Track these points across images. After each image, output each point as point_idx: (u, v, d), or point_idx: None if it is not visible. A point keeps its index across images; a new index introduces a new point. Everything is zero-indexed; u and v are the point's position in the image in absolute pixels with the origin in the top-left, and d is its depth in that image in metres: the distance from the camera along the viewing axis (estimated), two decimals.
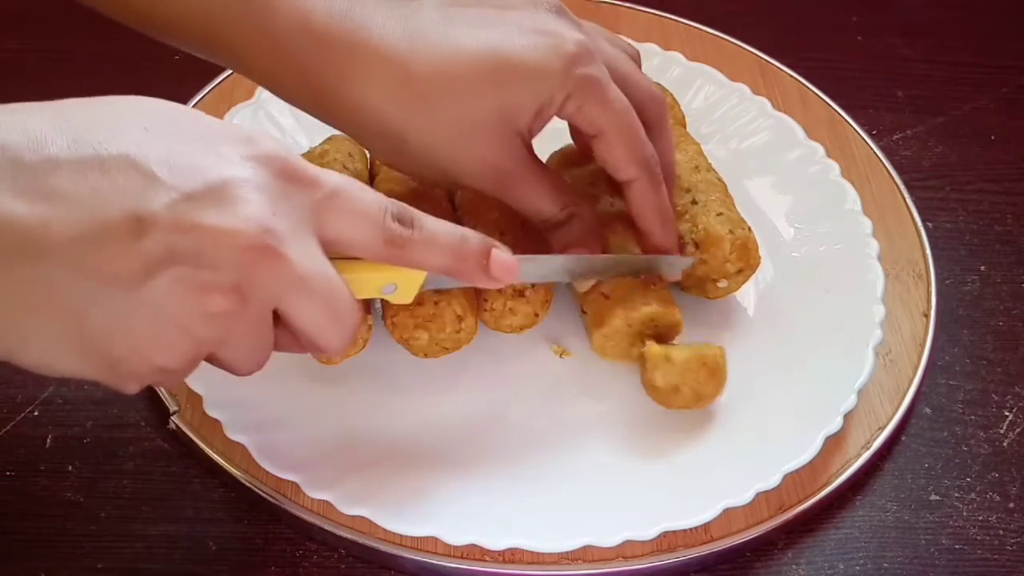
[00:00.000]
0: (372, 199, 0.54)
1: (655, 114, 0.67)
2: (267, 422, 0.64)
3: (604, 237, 0.67)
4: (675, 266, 0.68)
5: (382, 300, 0.67)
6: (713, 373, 0.64)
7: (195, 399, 0.64)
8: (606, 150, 0.64)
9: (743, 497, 0.62)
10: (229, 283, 0.48)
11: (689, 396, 0.65)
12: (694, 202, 0.70)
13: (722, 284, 0.70)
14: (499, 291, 0.67)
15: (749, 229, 0.70)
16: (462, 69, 0.61)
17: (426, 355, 0.67)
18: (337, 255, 0.54)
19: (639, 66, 0.69)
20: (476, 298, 0.67)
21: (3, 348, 0.48)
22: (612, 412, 0.67)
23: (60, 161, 0.46)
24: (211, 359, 0.52)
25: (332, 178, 0.53)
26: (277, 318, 0.52)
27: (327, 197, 0.52)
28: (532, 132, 0.63)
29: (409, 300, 0.59)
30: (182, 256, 0.47)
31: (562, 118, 0.64)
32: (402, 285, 0.58)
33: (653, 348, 0.65)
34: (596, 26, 0.68)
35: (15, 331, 0.47)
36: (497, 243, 0.59)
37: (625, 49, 0.68)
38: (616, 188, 0.68)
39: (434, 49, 0.61)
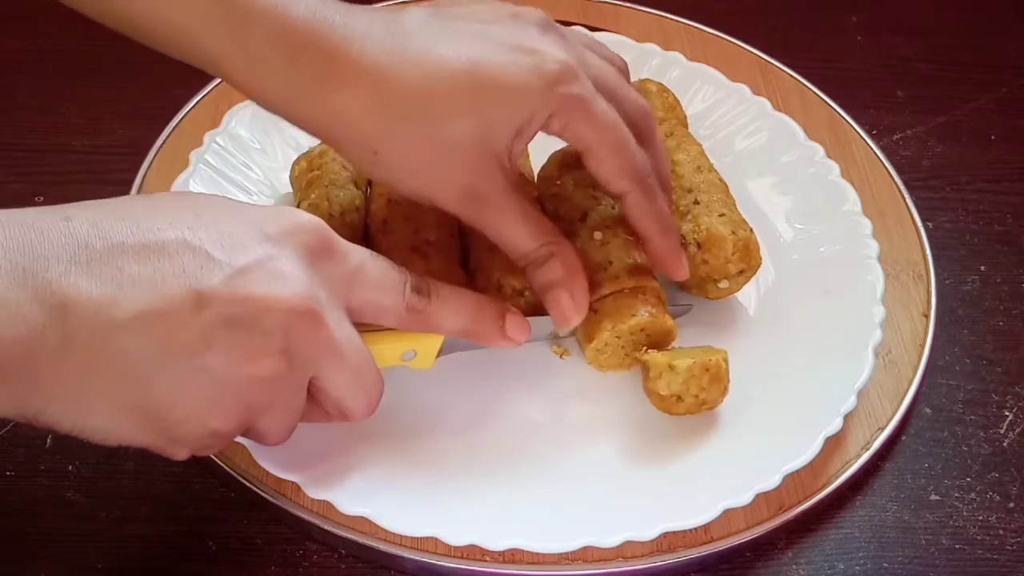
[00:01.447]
0: (393, 271, 0.59)
1: (644, 126, 0.66)
2: None
3: (586, 275, 0.66)
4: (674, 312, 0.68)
5: None
6: (716, 380, 0.64)
7: None
8: (597, 164, 0.64)
9: (743, 498, 0.62)
10: (278, 347, 0.53)
11: (692, 403, 0.65)
12: (696, 202, 0.70)
13: (723, 285, 0.70)
14: (498, 291, 0.67)
15: (751, 230, 0.70)
16: (440, 86, 0.60)
17: None
18: (360, 326, 0.57)
19: (627, 77, 0.69)
20: None
21: (69, 418, 0.51)
22: (612, 413, 0.67)
23: (126, 247, 0.51)
24: (248, 430, 0.56)
25: (359, 252, 0.58)
26: (308, 390, 0.56)
27: (356, 270, 0.57)
28: (513, 154, 0.62)
29: (428, 366, 0.63)
30: (236, 324, 0.52)
31: (549, 135, 0.63)
32: (421, 351, 0.63)
33: (655, 357, 0.65)
34: (582, 35, 0.68)
35: (84, 400, 0.50)
36: (511, 308, 0.63)
37: (612, 60, 0.68)
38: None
39: (414, 64, 0.60)
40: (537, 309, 0.67)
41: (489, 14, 0.63)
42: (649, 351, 0.66)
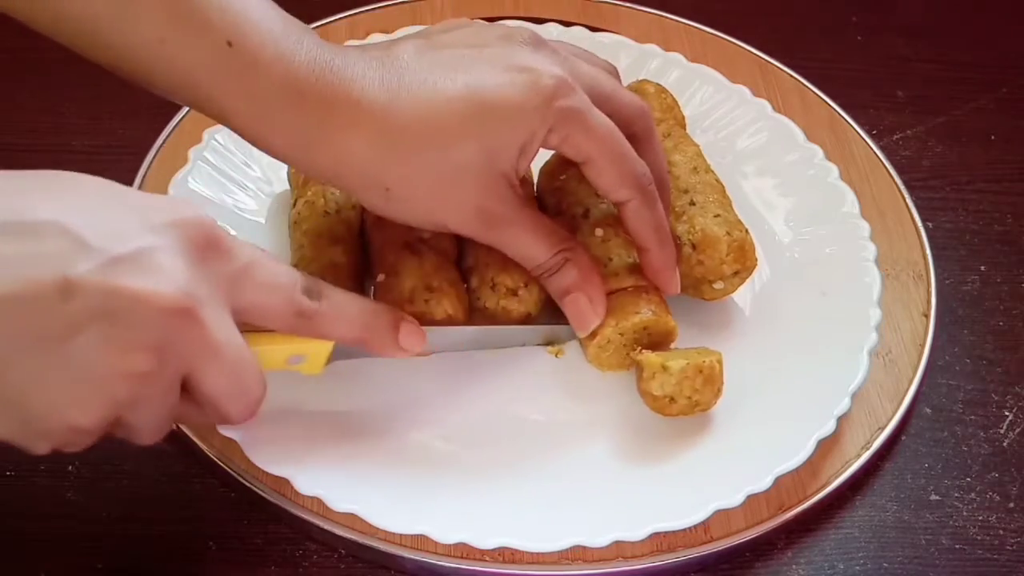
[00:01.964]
0: (284, 272, 0.57)
1: (642, 128, 0.66)
2: (259, 419, 0.63)
3: (601, 278, 0.67)
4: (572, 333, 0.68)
5: (375, 298, 0.67)
6: (709, 381, 0.64)
7: None
8: (596, 175, 0.64)
9: (734, 499, 0.62)
10: (149, 343, 0.50)
11: (685, 405, 0.65)
12: (692, 203, 0.70)
13: (718, 285, 0.70)
14: (492, 290, 0.67)
15: (746, 231, 0.70)
16: (441, 116, 0.61)
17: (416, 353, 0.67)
18: (246, 326, 0.55)
19: (618, 80, 0.69)
20: (468, 296, 0.67)
21: None
22: (605, 412, 0.67)
23: None
24: (116, 425, 0.53)
25: (246, 250, 0.56)
26: (183, 388, 0.54)
27: (243, 269, 0.55)
28: (518, 171, 0.63)
29: (317, 371, 0.61)
30: (107, 316, 0.49)
31: (548, 149, 0.64)
32: (309, 356, 0.61)
33: (649, 357, 0.65)
34: (570, 46, 0.68)
35: None
36: (407, 316, 0.62)
37: (603, 67, 0.68)
38: None
39: (412, 97, 0.60)
40: (530, 310, 0.68)
41: (479, 37, 0.64)
42: (644, 351, 0.65)
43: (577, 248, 0.66)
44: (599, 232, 0.69)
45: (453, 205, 0.63)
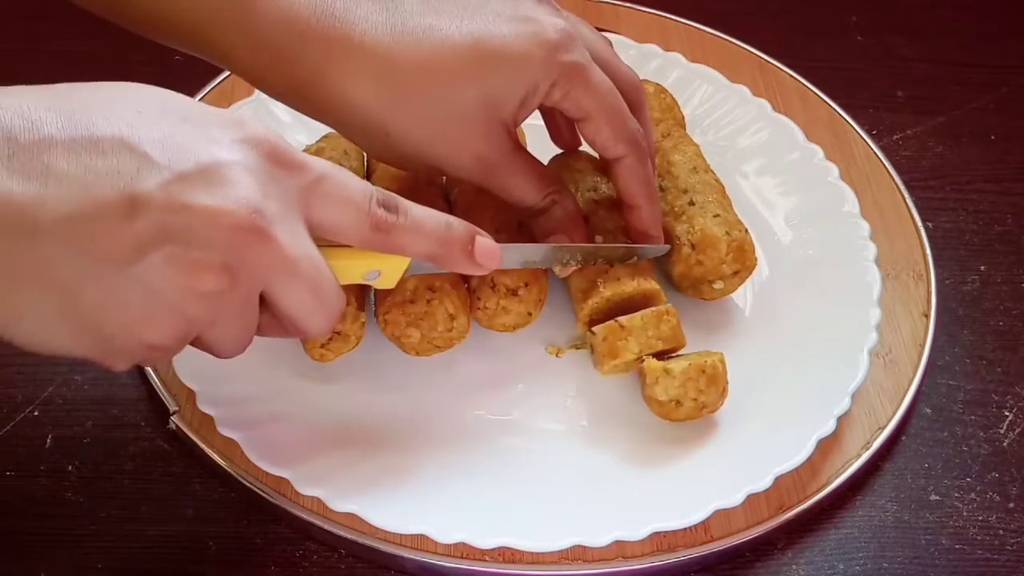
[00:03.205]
0: (358, 185, 0.55)
1: (634, 99, 0.67)
2: (260, 419, 0.64)
3: (585, 223, 0.68)
4: (650, 252, 0.68)
5: (375, 297, 0.67)
6: (713, 381, 0.64)
7: (195, 399, 0.64)
8: (594, 131, 0.65)
9: (734, 498, 0.62)
10: (220, 262, 0.49)
11: (691, 407, 0.65)
12: (691, 203, 0.70)
13: (718, 285, 0.70)
14: (492, 290, 0.67)
15: (746, 231, 0.70)
16: (445, 61, 0.61)
17: (418, 353, 0.67)
18: (322, 240, 0.54)
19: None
20: (469, 297, 0.67)
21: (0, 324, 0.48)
22: (605, 413, 0.67)
23: (55, 141, 0.47)
24: (196, 341, 0.53)
25: (319, 164, 0.54)
26: (262, 302, 0.53)
27: (315, 182, 0.54)
28: (517, 121, 0.64)
29: (392, 285, 0.60)
30: (174, 235, 0.48)
31: (549, 105, 0.64)
32: (385, 271, 0.59)
33: (651, 363, 0.65)
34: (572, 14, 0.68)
35: (10, 307, 0.48)
36: (480, 231, 0.60)
37: (600, 36, 0.69)
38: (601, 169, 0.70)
39: (417, 41, 0.60)
40: (530, 309, 0.68)
41: None
42: (646, 358, 0.65)
43: (564, 191, 0.67)
44: (599, 239, 0.69)
45: (452, 150, 0.63)
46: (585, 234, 0.68)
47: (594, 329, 0.67)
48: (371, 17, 0.60)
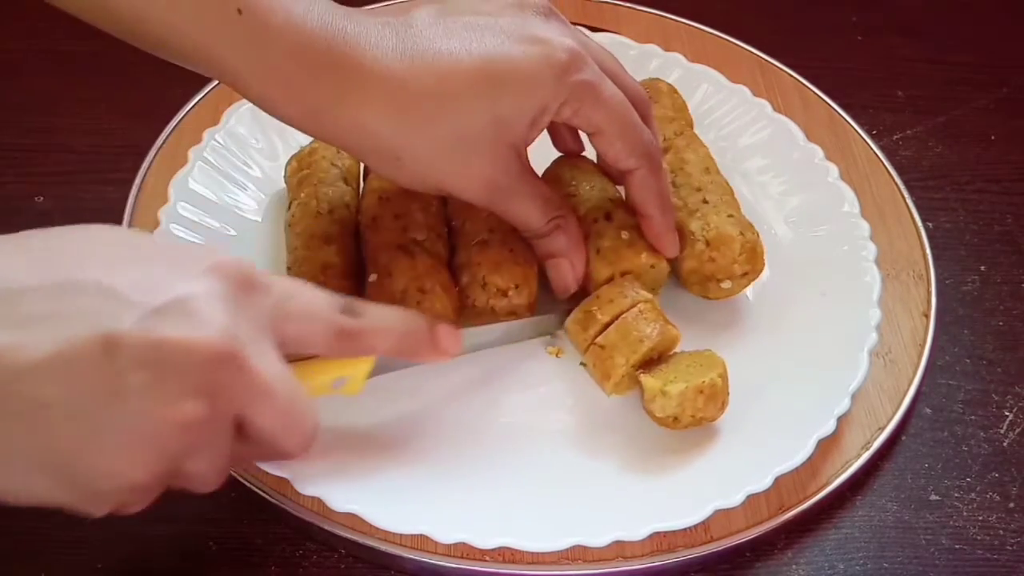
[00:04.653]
0: (321, 297, 0.57)
1: (642, 112, 0.67)
2: None
3: (587, 248, 0.68)
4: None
5: (367, 290, 0.67)
6: (711, 398, 0.64)
7: None
8: (607, 145, 0.65)
9: (734, 499, 0.62)
10: (198, 391, 0.49)
11: (690, 421, 0.65)
12: (705, 201, 0.71)
13: (726, 284, 0.70)
14: (482, 288, 0.67)
15: (757, 234, 0.70)
16: (456, 85, 0.61)
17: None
18: (288, 358, 0.54)
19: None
20: (459, 296, 0.67)
21: None
22: (605, 413, 0.67)
23: (31, 288, 0.48)
24: (176, 478, 0.52)
25: (284, 284, 0.56)
26: (236, 429, 0.52)
27: (281, 301, 0.55)
28: (527, 142, 0.64)
29: (358, 391, 0.61)
30: (152, 368, 0.48)
31: (560, 122, 0.65)
32: (351, 376, 0.60)
33: (648, 381, 0.64)
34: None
35: None
36: (439, 320, 0.61)
37: (607, 50, 0.69)
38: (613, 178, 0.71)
39: (427, 66, 0.61)
40: (517, 311, 0.68)
41: (492, 5, 0.64)
42: (643, 375, 0.65)
43: (568, 216, 0.67)
44: (624, 235, 0.69)
45: (462, 173, 0.64)
46: (585, 260, 0.68)
47: (582, 362, 0.68)
48: (382, 43, 0.61)
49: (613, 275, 0.68)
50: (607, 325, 0.66)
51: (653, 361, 0.66)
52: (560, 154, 0.74)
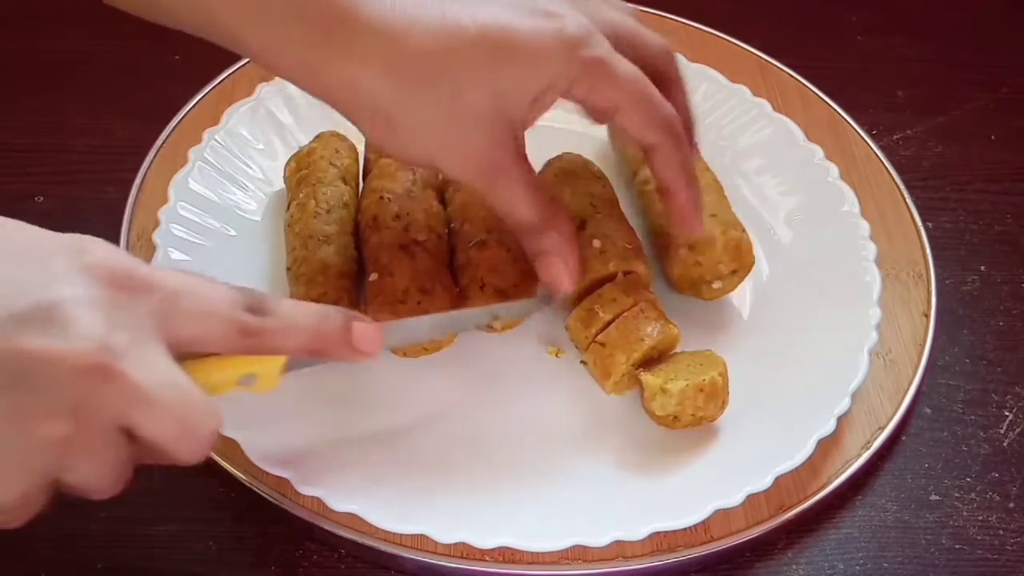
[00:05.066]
0: (219, 294, 0.53)
1: (667, 69, 0.65)
2: (259, 418, 0.64)
3: (581, 250, 0.66)
4: (529, 307, 0.67)
5: (367, 289, 0.67)
6: (711, 397, 0.64)
7: None
8: (625, 121, 0.63)
9: (734, 498, 0.62)
10: (63, 407, 0.46)
11: (690, 420, 0.65)
12: None
13: (716, 285, 0.70)
14: (481, 289, 0.67)
15: (743, 230, 0.70)
16: (457, 50, 0.58)
17: (405, 354, 0.67)
18: (189, 354, 0.52)
19: (640, 23, 0.67)
20: (458, 298, 0.67)
21: None
22: (605, 413, 0.67)
23: None
24: (64, 488, 0.49)
25: (172, 279, 0.52)
26: (127, 436, 0.50)
27: (168, 299, 0.51)
28: (526, 123, 0.61)
29: (270, 387, 0.57)
30: (14, 383, 0.45)
31: (573, 101, 0.62)
32: (261, 373, 0.56)
33: (648, 379, 0.64)
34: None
35: None
36: (359, 315, 0.58)
37: (625, 10, 0.66)
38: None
39: (428, 27, 0.58)
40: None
41: None
42: (643, 373, 0.65)
43: (562, 213, 0.64)
44: (596, 244, 0.69)
45: (455, 148, 0.60)
46: (579, 258, 0.65)
47: (583, 360, 0.68)
48: (389, 3, 0.58)
49: (584, 287, 0.68)
50: (608, 323, 0.66)
51: (653, 360, 0.66)
52: (552, 158, 0.74)
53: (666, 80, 0.65)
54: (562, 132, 0.75)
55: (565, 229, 0.64)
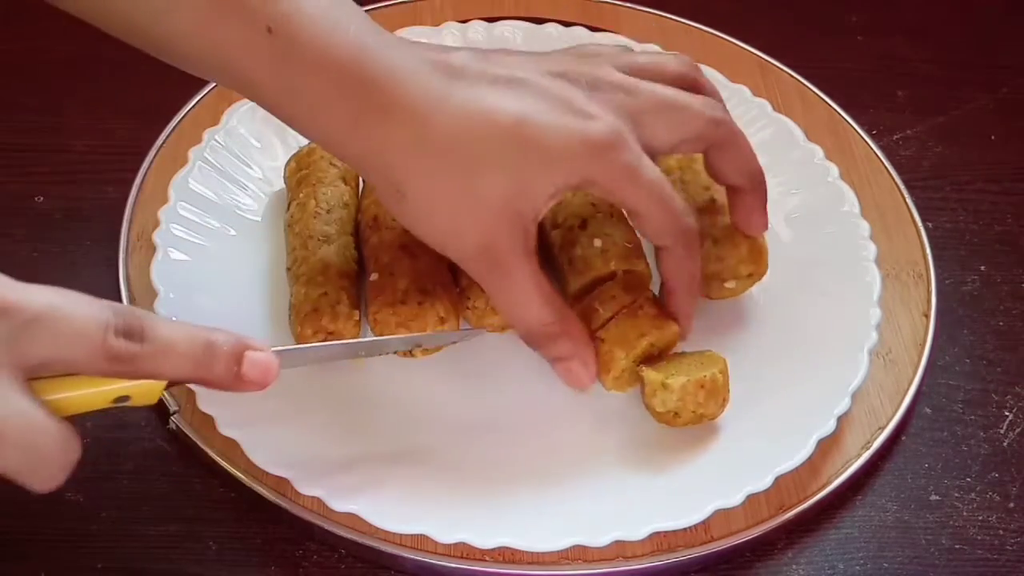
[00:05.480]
0: (88, 316, 0.50)
1: (719, 135, 0.64)
2: (260, 418, 0.64)
3: (582, 249, 0.66)
4: (473, 333, 0.67)
5: (368, 289, 0.67)
6: (712, 394, 0.64)
7: (195, 399, 0.64)
8: (642, 224, 0.64)
9: (734, 498, 0.62)
10: None
11: (691, 417, 0.65)
12: (713, 200, 0.70)
13: (730, 284, 0.70)
14: (481, 290, 0.67)
15: (763, 236, 0.70)
16: (483, 139, 0.58)
17: (405, 354, 0.67)
18: (57, 374, 0.51)
19: (696, 78, 0.67)
20: (459, 297, 0.67)
21: None
22: (605, 413, 0.67)
23: None
24: None
25: (37, 300, 0.49)
26: None
27: (29, 323, 0.49)
28: (538, 215, 0.61)
29: (152, 403, 0.54)
30: None
31: (593, 194, 0.63)
32: (136, 395, 0.53)
33: (649, 375, 0.64)
34: (650, 51, 0.66)
35: None
36: (252, 342, 0.54)
37: (674, 72, 0.66)
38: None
39: (458, 109, 0.58)
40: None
41: (539, 64, 0.62)
42: (644, 368, 0.65)
43: (570, 318, 0.64)
44: (597, 243, 0.69)
45: (462, 231, 0.60)
46: (595, 353, 0.65)
47: None
48: (419, 71, 0.58)
49: (584, 285, 0.68)
50: (608, 320, 0.66)
51: (653, 358, 0.66)
52: None
53: (720, 146, 0.65)
54: None
55: (576, 334, 0.64)
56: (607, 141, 0.60)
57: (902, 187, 0.80)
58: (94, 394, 0.52)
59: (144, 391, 0.53)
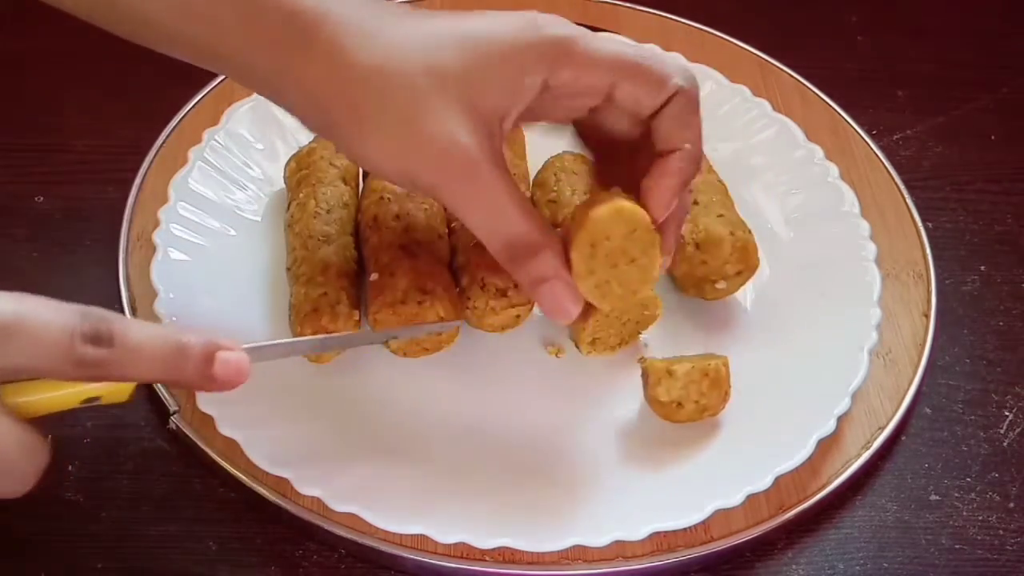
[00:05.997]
0: (54, 324, 0.49)
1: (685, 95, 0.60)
2: (260, 418, 0.64)
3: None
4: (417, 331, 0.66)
5: (369, 292, 0.67)
6: (715, 384, 0.64)
7: (195, 399, 0.64)
8: (627, 97, 0.59)
9: (734, 499, 0.62)
10: None
11: (693, 410, 0.65)
12: (695, 203, 0.70)
13: (720, 285, 0.70)
14: (481, 289, 0.67)
15: (749, 231, 0.70)
16: (425, 47, 0.56)
17: (405, 354, 0.68)
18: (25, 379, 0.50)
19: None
20: (459, 297, 0.67)
21: None
22: (605, 413, 0.67)
23: None
24: None
25: (6, 307, 0.48)
26: None
27: None
28: (505, 119, 0.57)
29: (122, 401, 0.54)
30: None
31: (568, 92, 0.58)
32: (106, 395, 0.53)
33: (654, 363, 0.65)
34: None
35: None
36: (223, 343, 0.53)
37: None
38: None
39: (401, 24, 0.57)
40: (518, 311, 0.68)
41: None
42: (647, 359, 0.65)
43: (552, 232, 0.59)
44: None
45: (421, 143, 0.56)
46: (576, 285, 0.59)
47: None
48: (351, 17, 0.57)
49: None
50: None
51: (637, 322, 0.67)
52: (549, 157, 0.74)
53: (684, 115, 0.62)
54: (563, 131, 0.75)
55: (560, 249, 0.59)
56: (550, 19, 0.57)
57: (902, 187, 0.80)
58: (63, 396, 0.52)
59: (114, 391, 0.53)
